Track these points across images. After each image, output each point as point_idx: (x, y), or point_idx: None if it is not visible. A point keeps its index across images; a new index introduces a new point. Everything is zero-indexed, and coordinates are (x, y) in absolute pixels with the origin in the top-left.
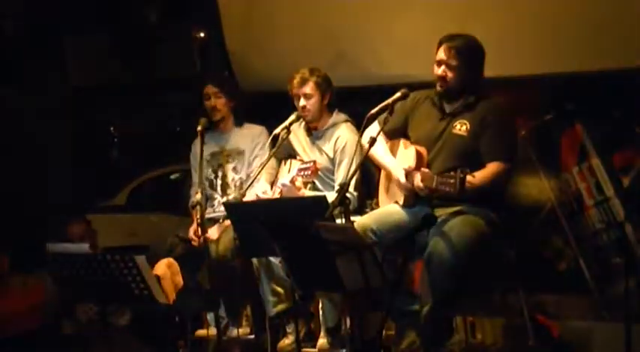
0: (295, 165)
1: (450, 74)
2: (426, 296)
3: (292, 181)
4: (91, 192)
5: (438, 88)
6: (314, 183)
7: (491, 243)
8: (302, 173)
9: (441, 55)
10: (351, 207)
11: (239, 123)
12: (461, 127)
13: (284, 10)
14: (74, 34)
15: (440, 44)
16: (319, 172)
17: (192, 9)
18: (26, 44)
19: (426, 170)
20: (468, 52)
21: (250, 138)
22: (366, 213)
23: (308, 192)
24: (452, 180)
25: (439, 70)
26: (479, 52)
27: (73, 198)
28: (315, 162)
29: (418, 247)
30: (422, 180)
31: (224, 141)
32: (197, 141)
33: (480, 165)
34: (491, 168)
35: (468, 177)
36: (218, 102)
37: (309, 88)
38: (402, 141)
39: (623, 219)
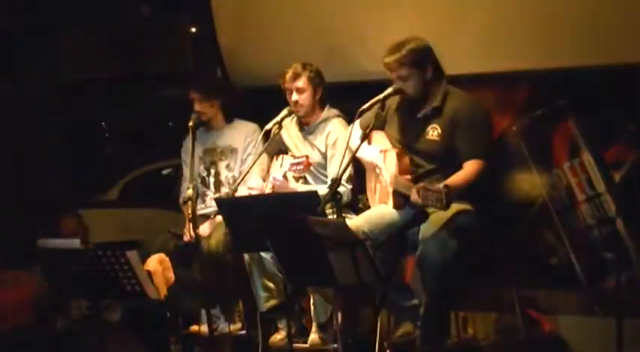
0: (287, 160)
1: (405, 85)
2: (421, 295)
3: (284, 176)
4: (84, 188)
5: (402, 99)
6: (305, 178)
7: (482, 239)
8: (294, 168)
9: (388, 72)
10: (345, 198)
11: (229, 119)
12: (433, 133)
13: (276, 5)
14: (65, 30)
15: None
16: (311, 167)
17: (184, 4)
18: (17, 40)
19: (423, 185)
20: (410, 58)
21: (243, 135)
22: (359, 207)
23: (300, 186)
24: (438, 195)
25: (397, 86)
26: (422, 50)
27: (65, 193)
28: (307, 156)
29: (409, 243)
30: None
31: (216, 139)
32: (189, 137)
33: (457, 165)
34: (469, 167)
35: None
36: (203, 106)
37: (301, 83)
38: (379, 136)
39: (615, 214)
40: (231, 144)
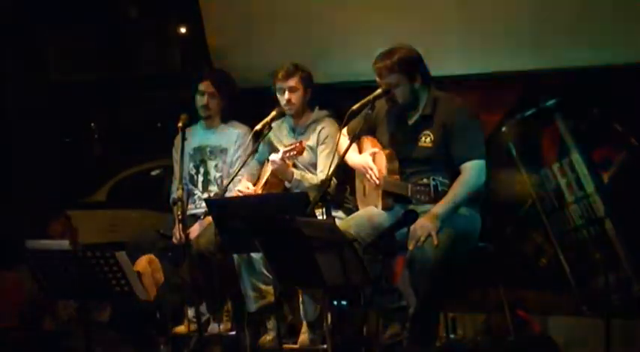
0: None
1: (394, 91)
2: (411, 297)
3: (282, 159)
4: (72, 188)
5: (390, 107)
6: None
7: (471, 239)
8: (287, 154)
9: (378, 79)
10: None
11: (225, 120)
12: (425, 139)
13: (264, 6)
14: (54, 31)
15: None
16: (302, 164)
17: (173, 4)
18: (7, 41)
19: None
20: (400, 65)
21: (235, 137)
22: (348, 208)
23: (297, 172)
24: (426, 189)
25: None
26: (412, 58)
27: (53, 194)
28: (301, 141)
29: (398, 243)
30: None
31: (208, 138)
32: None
33: (451, 169)
34: (468, 169)
35: (450, 193)
36: (212, 101)
37: (294, 81)
38: (369, 142)
39: (603, 214)
40: (221, 145)
